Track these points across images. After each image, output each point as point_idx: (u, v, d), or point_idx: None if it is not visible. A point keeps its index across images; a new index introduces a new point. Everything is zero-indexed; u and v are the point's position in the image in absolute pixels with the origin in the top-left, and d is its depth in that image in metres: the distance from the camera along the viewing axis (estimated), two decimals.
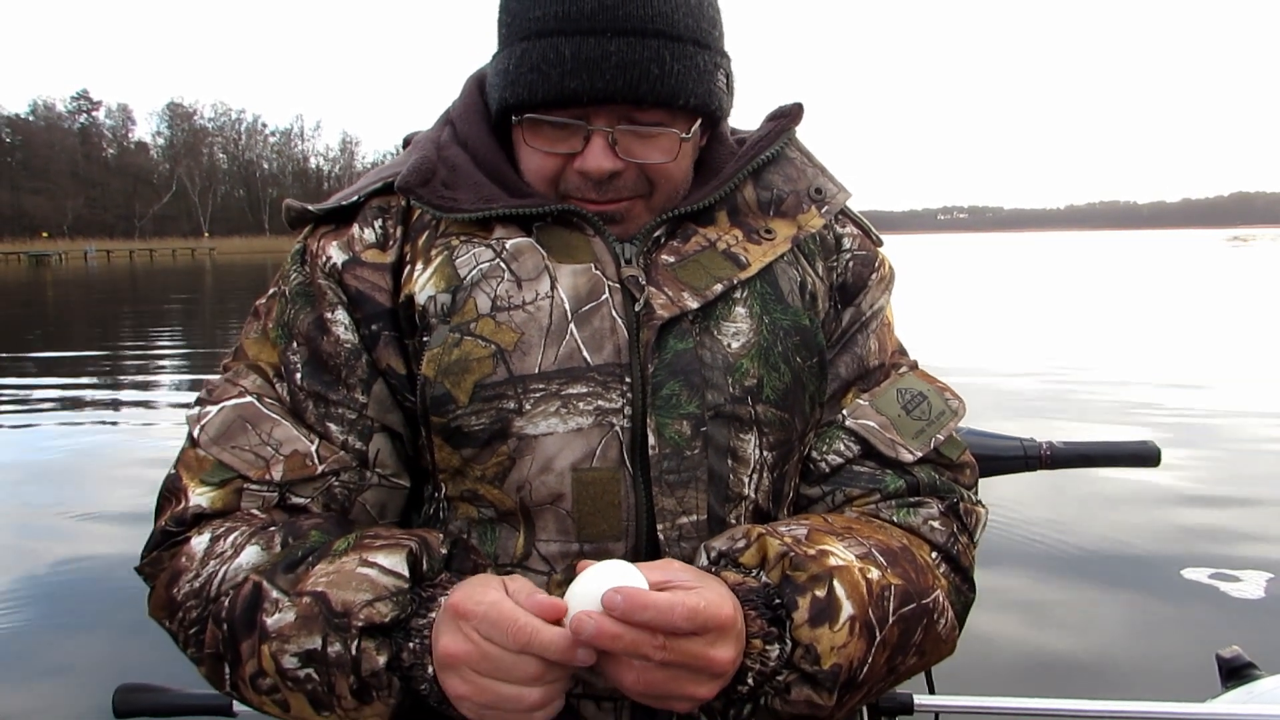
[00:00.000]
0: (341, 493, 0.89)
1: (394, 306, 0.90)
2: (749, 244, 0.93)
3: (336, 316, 0.90)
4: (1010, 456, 1.41)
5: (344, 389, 0.90)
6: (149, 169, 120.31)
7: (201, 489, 0.87)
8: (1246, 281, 26.70)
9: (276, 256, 71.24)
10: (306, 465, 0.87)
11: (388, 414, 0.91)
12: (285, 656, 0.76)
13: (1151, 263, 41.82)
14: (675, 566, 0.76)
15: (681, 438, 0.86)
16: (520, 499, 0.86)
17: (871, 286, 1.00)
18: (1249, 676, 1.55)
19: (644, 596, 0.69)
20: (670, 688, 0.71)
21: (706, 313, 0.90)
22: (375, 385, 0.90)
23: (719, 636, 0.71)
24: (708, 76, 0.88)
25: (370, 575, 0.76)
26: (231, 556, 0.82)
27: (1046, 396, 8.00)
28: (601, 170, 0.87)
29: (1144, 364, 9.91)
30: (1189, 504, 4.77)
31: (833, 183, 0.98)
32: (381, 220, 0.93)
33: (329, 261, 0.92)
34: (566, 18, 0.84)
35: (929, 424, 0.95)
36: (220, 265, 55.48)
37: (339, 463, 0.89)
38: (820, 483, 0.95)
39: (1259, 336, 12.68)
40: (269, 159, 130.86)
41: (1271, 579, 3.87)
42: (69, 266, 61.63)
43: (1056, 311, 17.40)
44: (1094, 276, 30.96)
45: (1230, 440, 6.29)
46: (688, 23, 0.87)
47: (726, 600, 0.73)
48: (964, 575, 0.93)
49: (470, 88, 0.98)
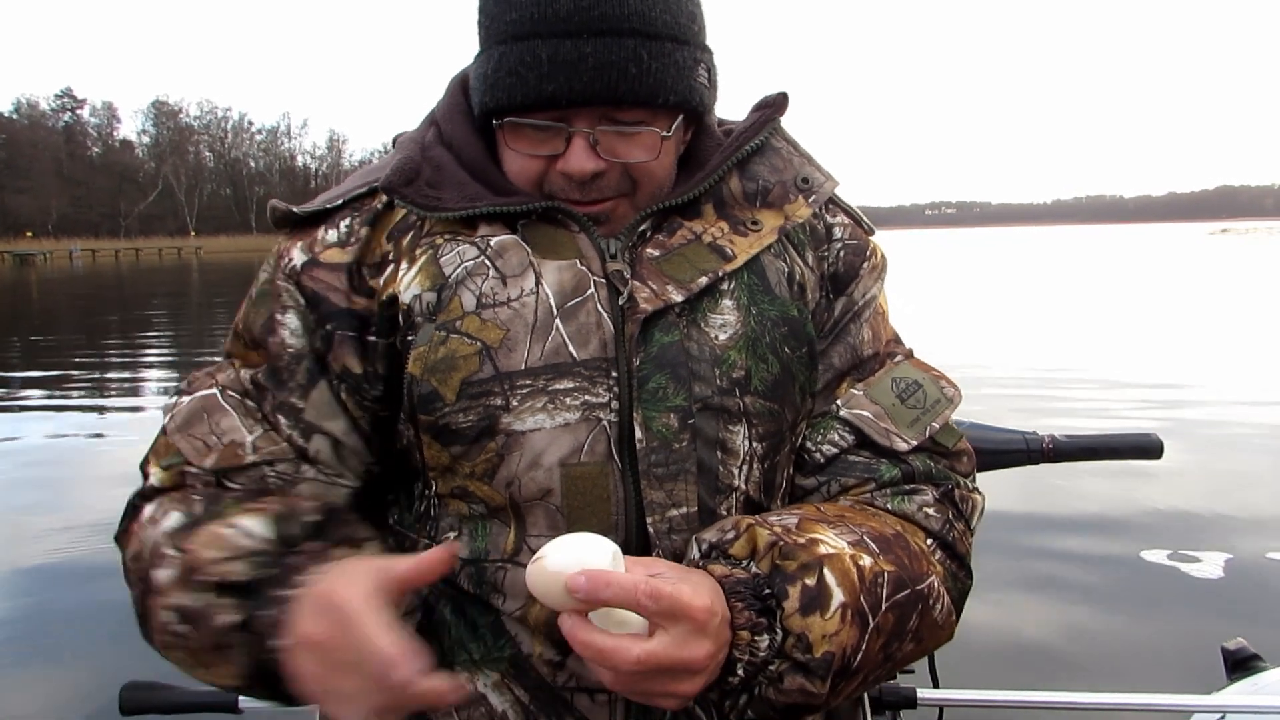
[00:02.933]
0: (275, 483, 0.90)
1: (350, 306, 0.91)
2: (735, 236, 0.92)
3: (285, 319, 0.91)
4: (1013, 450, 1.41)
5: (285, 391, 0.91)
6: (134, 167, 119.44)
7: (156, 471, 0.92)
8: (1230, 273, 26.90)
9: (264, 255, 70.27)
10: (238, 454, 0.89)
11: (327, 420, 0.91)
12: (163, 611, 0.81)
13: (1138, 256, 42.03)
14: (661, 565, 0.76)
15: (669, 430, 0.86)
16: (510, 495, 0.86)
17: (863, 275, 0.99)
18: (1254, 668, 1.55)
19: (606, 575, 0.70)
20: (649, 686, 0.72)
21: (693, 305, 0.90)
22: (314, 391, 0.90)
23: (690, 633, 0.71)
24: (688, 72, 0.88)
25: (228, 535, 0.81)
26: (160, 521, 0.86)
27: (1019, 384, 8.05)
28: (584, 171, 0.88)
29: (1123, 356, 10.04)
30: (1147, 486, 4.80)
31: (819, 171, 0.98)
32: (349, 219, 0.93)
33: (289, 263, 0.93)
34: (542, 20, 0.84)
35: (924, 412, 0.95)
36: (207, 264, 55.17)
37: (273, 454, 0.90)
38: (815, 473, 0.95)
39: (1238, 327, 12.79)
40: (256, 157, 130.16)
41: (1230, 559, 3.92)
42: (54, 266, 61.18)
43: (1045, 305, 17.47)
44: (1082, 270, 31.11)
45: (1198, 427, 6.41)
46: (665, 19, 0.86)
47: (704, 596, 0.73)
48: (960, 562, 0.93)
49: (454, 88, 0.98)
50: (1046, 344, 11.12)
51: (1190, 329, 12.83)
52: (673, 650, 0.71)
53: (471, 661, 0.88)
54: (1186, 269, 30.03)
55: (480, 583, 0.87)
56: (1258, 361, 9.57)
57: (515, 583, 0.86)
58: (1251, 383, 8.26)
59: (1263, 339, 11.39)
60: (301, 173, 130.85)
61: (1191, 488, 4.94)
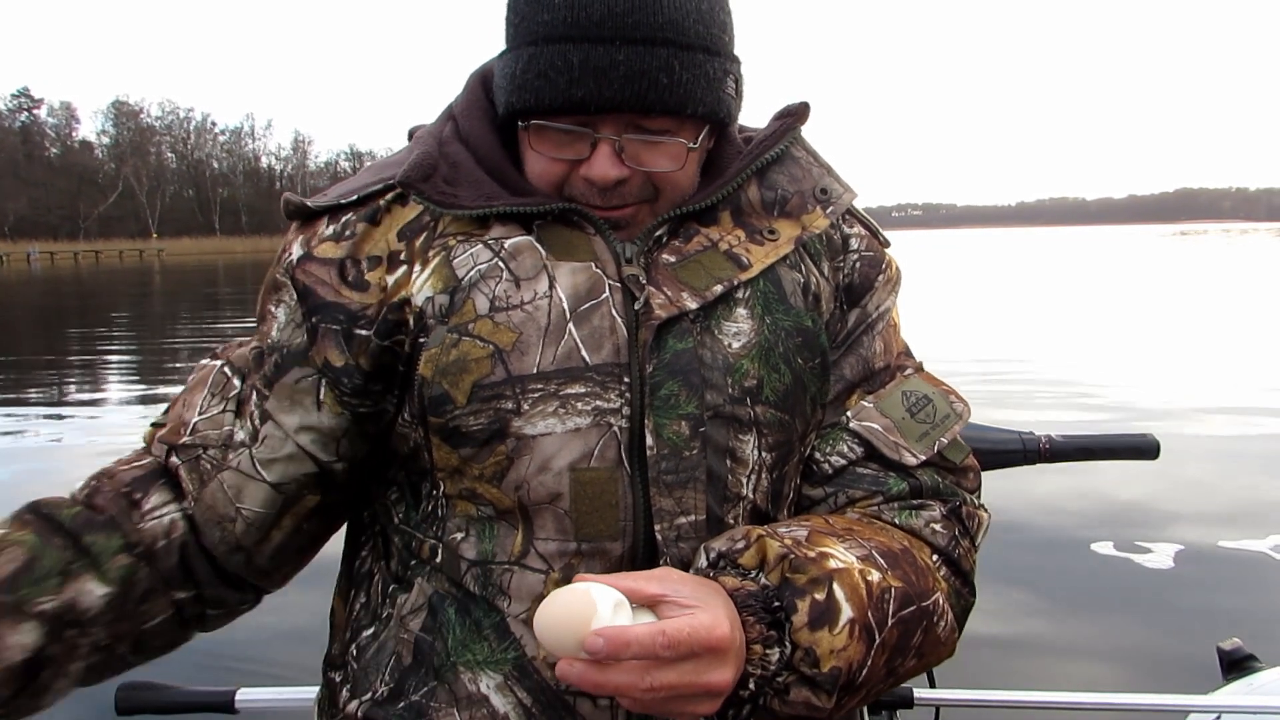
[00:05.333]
0: (205, 465, 0.92)
1: (337, 299, 0.90)
2: (751, 244, 0.92)
3: (276, 312, 0.94)
4: (1009, 450, 1.41)
5: (258, 377, 0.93)
6: (94, 169, 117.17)
7: (148, 428, 0.97)
8: (1188, 273, 27.42)
9: (228, 258, 70.23)
10: (179, 432, 0.93)
11: (284, 413, 0.91)
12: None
13: (1100, 257, 42.72)
14: (674, 577, 0.75)
15: (680, 438, 0.86)
16: (518, 498, 0.86)
17: (878, 288, 0.99)
18: (1249, 669, 1.56)
19: (625, 634, 0.68)
20: (667, 708, 0.72)
21: (707, 313, 0.89)
22: (279, 384, 0.92)
23: (713, 660, 0.71)
24: (717, 84, 0.88)
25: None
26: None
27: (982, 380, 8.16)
28: (608, 178, 0.87)
29: (1077, 356, 10.20)
30: (1098, 481, 4.85)
31: (839, 183, 0.98)
32: (349, 215, 0.93)
33: (289, 257, 0.93)
34: (575, 24, 0.83)
35: (933, 427, 0.95)
36: (169, 266, 54.38)
37: (204, 439, 0.92)
38: (823, 484, 0.95)
39: (1193, 326, 13.05)
40: (219, 158, 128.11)
41: (1180, 549, 3.98)
42: (12, 269, 60.07)
43: (1008, 304, 17.69)
44: (1045, 271, 31.55)
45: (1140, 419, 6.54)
46: (698, 30, 0.85)
47: (722, 619, 0.72)
48: (964, 579, 0.94)
49: (474, 84, 0.97)
50: (1005, 342, 11.26)
51: (1144, 329, 13.06)
52: (694, 678, 0.70)
53: (475, 663, 0.87)
54: (1146, 271, 30.55)
55: (486, 585, 0.87)
56: (1202, 363, 9.74)
57: (521, 585, 0.86)
58: (1198, 382, 8.40)
59: (1212, 341, 11.57)
60: (266, 174, 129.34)
61: (1140, 483, 5.01)
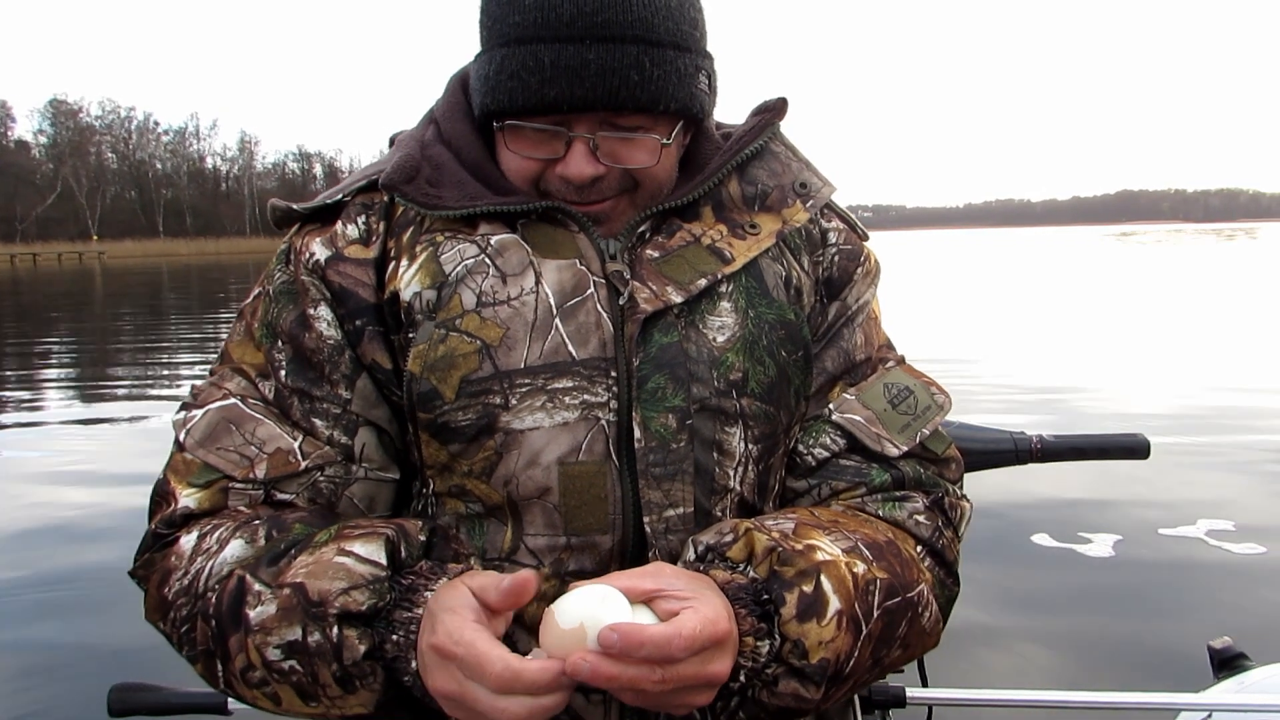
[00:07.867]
0: (328, 487, 0.89)
1: (378, 301, 0.90)
2: (733, 239, 0.93)
3: (319, 313, 0.90)
4: (1001, 450, 1.41)
5: (328, 385, 0.90)
6: (31, 169, 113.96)
7: (189, 490, 0.87)
8: (1128, 272, 28.16)
9: (172, 260, 68.72)
10: (290, 462, 0.88)
11: (372, 409, 0.91)
12: (269, 649, 0.77)
13: (1044, 257, 43.64)
14: (667, 572, 0.76)
15: (667, 431, 0.86)
16: (507, 493, 0.86)
17: (857, 281, 1.01)
18: (1240, 667, 1.57)
19: (640, 633, 0.68)
20: (667, 701, 0.72)
21: (692, 307, 0.90)
22: (359, 380, 0.90)
23: (715, 652, 0.72)
24: (689, 80, 0.89)
25: (346, 564, 0.77)
26: (217, 552, 0.82)
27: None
28: (583, 176, 0.88)
29: (1020, 350, 10.43)
30: (1031, 475, 4.91)
31: (817, 177, 0.99)
32: (365, 216, 0.93)
33: (312, 258, 0.92)
34: (545, 24, 0.84)
35: (915, 418, 0.96)
36: (111, 269, 53.03)
37: (323, 458, 0.89)
38: (806, 476, 0.96)
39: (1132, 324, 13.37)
40: (162, 159, 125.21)
41: (1119, 540, 4.05)
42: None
43: (956, 304, 17.99)
44: (992, 271, 32.15)
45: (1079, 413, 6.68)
46: (667, 26, 0.86)
47: (722, 614, 0.73)
48: (948, 569, 0.95)
49: (454, 86, 0.98)
50: (957, 341, 11.43)
51: (1087, 326, 13.33)
52: (700, 669, 0.71)
53: None
54: (1089, 270, 31.28)
55: None
56: (1138, 357, 9.95)
57: None
58: (1131, 377, 8.58)
59: (1151, 336, 11.85)
60: (211, 175, 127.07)
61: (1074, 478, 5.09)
